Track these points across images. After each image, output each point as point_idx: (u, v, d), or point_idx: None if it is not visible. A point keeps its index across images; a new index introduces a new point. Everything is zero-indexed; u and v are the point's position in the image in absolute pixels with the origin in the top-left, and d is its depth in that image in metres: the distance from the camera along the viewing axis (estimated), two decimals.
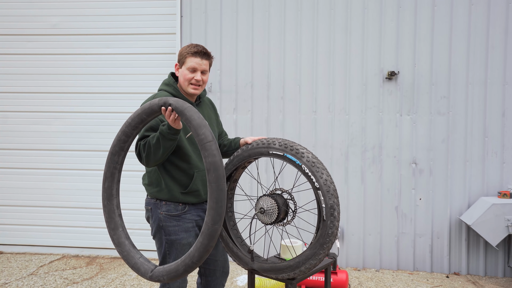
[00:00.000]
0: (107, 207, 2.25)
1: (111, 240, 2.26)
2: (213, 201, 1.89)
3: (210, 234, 1.90)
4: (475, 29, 4.46)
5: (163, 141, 2.14)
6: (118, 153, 2.24)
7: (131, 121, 2.16)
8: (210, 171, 1.89)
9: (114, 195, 2.26)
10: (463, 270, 4.51)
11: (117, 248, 2.23)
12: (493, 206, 4.11)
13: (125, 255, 2.19)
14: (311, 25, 4.68)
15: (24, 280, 4.23)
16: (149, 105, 2.10)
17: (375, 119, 4.61)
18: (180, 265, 2.01)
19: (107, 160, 2.25)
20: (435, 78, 4.52)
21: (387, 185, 4.61)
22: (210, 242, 1.91)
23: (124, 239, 2.22)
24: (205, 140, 1.90)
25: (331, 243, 2.16)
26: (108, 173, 2.25)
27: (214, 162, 1.89)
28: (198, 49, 2.35)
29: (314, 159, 2.22)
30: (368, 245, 4.65)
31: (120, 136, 2.20)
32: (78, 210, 5.06)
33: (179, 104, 2.01)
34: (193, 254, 1.96)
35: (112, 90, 5.01)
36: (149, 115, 2.12)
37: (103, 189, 2.26)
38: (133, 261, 2.17)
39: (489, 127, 4.47)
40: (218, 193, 1.89)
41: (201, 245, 1.93)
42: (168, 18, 4.90)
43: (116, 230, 2.23)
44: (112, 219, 2.24)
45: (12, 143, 5.12)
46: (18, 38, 5.08)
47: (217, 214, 1.89)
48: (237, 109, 4.79)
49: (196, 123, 1.94)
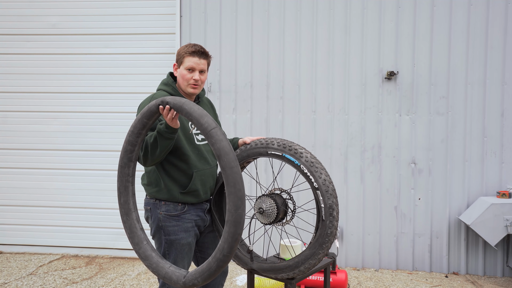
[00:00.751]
0: (127, 222, 2.19)
1: (137, 254, 2.18)
2: (231, 185, 1.80)
3: (236, 221, 1.81)
4: (474, 29, 4.47)
5: (160, 140, 2.14)
6: (127, 165, 2.17)
7: (134, 128, 2.12)
8: (221, 156, 1.82)
9: (132, 209, 2.20)
10: (462, 269, 4.52)
11: (145, 262, 2.16)
12: (492, 206, 4.12)
13: (154, 267, 2.12)
14: (311, 25, 4.69)
15: (24, 280, 4.23)
16: (148, 107, 2.08)
17: (374, 119, 4.61)
18: (212, 262, 1.91)
19: (118, 175, 2.18)
20: (434, 78, 4.52)
21: (387, 185, 4.61)
22: (238, 229, 1.81)
23: (151, 251, 2.16)
24: (209, 128, 1.87)
25: (330, 243, 2.17)
26: (122, 187, 2.18)
27: (223, 147, 1.83)
28: (196, 49, 2.34)
29: (313, 159, 2.22)
30: (367, 245, 4.65)
31: (126, 147, 2.15)
32: (77, 210, 5.06)
33: (176, 101, 2.00)
34: (222, 246, 1.85)
35: (111, 90, 5.01)
36: (150, 118, 2.09)
37: (120, 204, 2.19)
38: (164, 271, 2.10)
39: (488, 127, 4.47)
40: (233, 177, 1.80)
41: (229, 235, 1.82)
42: (167, 18, 4.90)
43: (140, 244, 2.17)
44: (135, 234, 2.18)
45: (11, 143, 5.12)
46: (17, 38, 5.08)
47: (238, 198, 1.80)
48: (236, 109, 4.79)
49: (197, 114, 1.92)
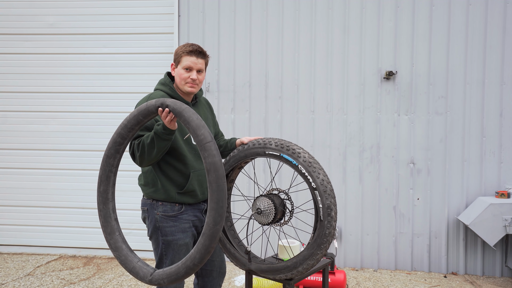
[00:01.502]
0: (103, 211, 2.21)
1: (108, 244, 2.21)
2: (214, 201, 1.86)
3: (212, 235, 1.87)
4: (473, 29, 4.46)
5: (157, 141, 2.13)
6: (114, 156, 2.18)
7: (127, 123, 2.11)
8: (211, 172, 1.87)
9: (110, 199, 2.21)
10: (461, 270, 4.52)
11: (115, 253, 2.18)
12: (491, 206, 4.11)
13: (122, 259, 2.15)
14: (309, 25, 4.68)
15: (21, 280, 4.22)
16: (146, 106, 2.06)
17: (373, 119, 4.61)
18: (181, 268, 1.97)
19: (102, 163, 2.19)
20: (433, 78, 4.52)
21: (385, 185, 4.60)
22: (212, 243, 1.89)
23: (121, 243, 2.18)
24: (205, 141, 1.89)
25: (328, 243, 2.16)
26: (104, 176, 2.19)
27: (214, 162, 1.87)
28: (194, 48, 2.33)
29: (311, 159, 2.21)
30: (366, 245, 4.64)
31: (115, 138, 2.15)
32: (75, 210, 5.04)
33: (176, 106, 1.99)
34: (194, 256, 1.92)
35: (109, 89, 4.99)
36: (146, 117, 2.08)
37: (98, 192, 2.21)
38: (131, 265, 2.13)
39: (487, 127, 4.47)
40: (218, 193, 1.86)
41: (202, 246, 1.89)
42: (165, 18, 4.89)
43: (112, 234, 2.19)
44: (109, 224, 2.20)
45: (9, 143, 5.10)
46: (15, 37, 5.06)
47: (218, 215, 1.86)
48: (235, 108, 4.78)
49: (194, 124, 1.92)
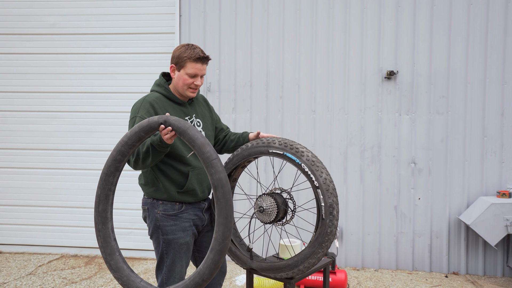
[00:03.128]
0: (102, 231, 2.14)
1: (108, 265, 2.15)
2: (223, 216, 1.90)
3: (221, 250, 1.90)
4: (474, 29, 4.46)
5: (153, 152, 2.12)
6: (113, 174, 2.13)
7: (128, 140, 2.07)
8: (218, 188, 1.91)
9: (109, 218, 2.16)
10: (462, 269, 4.51)
11: (115, 274, 2.13)
12: (492, 205, 4.11)
13: (125, 280, 2.11)
14: (310, 25, 4.68)
15: (23, 279, 4.22)
16: (148, 122, 2.03)
17: (374, 118, 4.61)
18: (190, 284, 1.95)
19: (101, 182, 2.13)
20: (434, 78, 4.52)
21: (386, 184, 4.60)
22: (221, 258, 1.91)
23: (122, 263, 2.13)
24: (211, 158, 1.92)
25: (330, 242, 2.16)
26: (103, 195, 2.14)
27: (221, 178, 1.91)
28: (199, 55, 2.31)
29: (314, 158, 2.22)
30: (367, 244, 4.64)
31: (115, 156, 2.10)
32: (76, 210, 5.05)
33: (180, 124, 1.99)
34: (203, 271, 1.93)
35: (110, 89, 5.00)
36: (147, 133, 2.06)
37: (97, 212, 2.14)
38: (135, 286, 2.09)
39: (488, 127, 4.46)
40: (227, 209, 1.91)
41: (212, 262, 1.91)
42: (166, 18, 4.89)
43: (113, 255, 2.14)
44: (108, 244, 2.14)
45: (11, 143, 5.11)
46: (16, 37, 5.07)
47: (227, 230, 1.91)
48: (236, 108, 4.78)
49: (200, 142, 1.95)
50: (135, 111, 2.31)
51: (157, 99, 2.34)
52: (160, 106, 2.32)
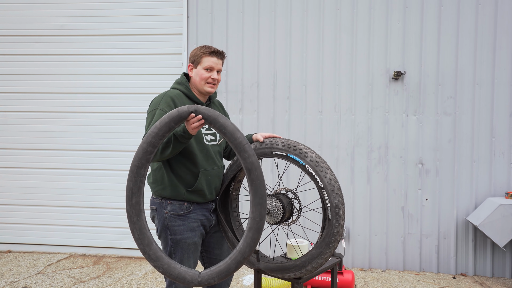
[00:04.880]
0: (138, 223, 2.14)
1: (146, 256, 2.16)
2: (259, 196, 2.04)
3: (259, 228, 2.04)
4: (482, 29, 4.44)
5: (174, 143, 2.16)
6: (144, 166, 2.12)
7: (158, 131, 2.07)
8: (252, 170, 2.04)
9: (142, 210, 2.16)
10: (470, 271, 4.49)
11: (155, 263, 2.14)
12: (501, 206, 4.09)
13: (165, 268, 2.13)
14: (317, 25, 4.68)
15: (32, 278, 4.27)
16: (178, 112, 2.06)
17: (381, 119, 4.60)
18: (232, 263, 2.07)
19: (132, 175, 2.12)
20: (441, 78, 4.50)
21: (393, 185, 4.59)
22: (259, 235, 2.06)
23: (161, 253, 2.15)
24: (243, 143, 2.04)
25: (336, 242, 2.17)
26: (135, 188, 2.12)
27: (254, 161, 2.05)
28: (214, 49, 2.42)
29: (318, 159, 2.22)
30: (374, 245, 4.64)
31: (146, 148, 2.09)
32: (85, 210, 5.10)
33: (210, 113, 2.06)
34: (243, 250, 2.06)
35: (118, 90, 5.04)
36: (177, 123, 2.07)
37: (130, 205, 2.14)
38: (176, 272, 2.12)
39: (496, 127, 4.44)
40: (262, 189, 2.04)
41: (251, 240, 2.04)
42: (174, 19, 4.92)
43: (150, 245, 2.14)
44: (145, 235, 2.14)
45: (22, 143, 5.16)
46: (26, 39, 5.13)
47: (263, 209, 2.05)
48: (243, 109, 4.80)
49: (230, 129, 2.05)
50: (156, 104, 2.35)
51: (178, 95, 2.40)
52: (180, 102, 2.37)
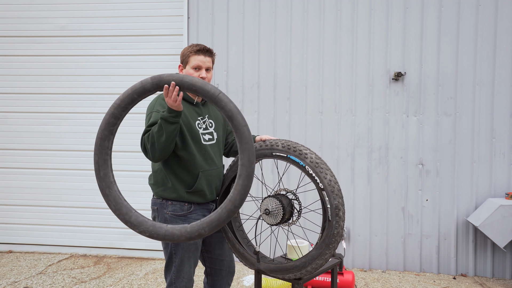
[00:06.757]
0: (111, 195, 2.12)
1: (129, 225, 2.10)
2: (244, 142, 1.98)
3: (249, 175, 1.98)
4: (482, 30, 4.44)
5: (165, 126, 2.13)
6: (108, 138, 2.09)
7: (120, 102, 2.05)
8: (233, 117, 1.97)
9: (113, 182, 2.13)
10: (470, 271, 4.49)
11: (139, 229, 2.08)
12: (501, 207, 4.09)
13: (151, 230, 2.07)
14: (318, 26, 4.69)
15: (33, 278, 4.28)
16: (141, 84, 2.03)
17: (381, 120, 4.60)
18: (223, 213, 2.00)
19: (97, 147, 2.08)
20: (442, 79, 4.51)
21: (394, 186, 4.60)
22: (250, 182, 1.99)
23: (143, 217, 2.10)
24: (216, 93, 1.98)
25: (336, 243, 2.17)
26: (101, 160, 2.09)
27: (232, 108, 1.98)
28: (200, 47, 2.39)
29: (318, 160, 2.23)
30: (374, 246, 4.64)
31: (108, 119, 2.07)
32: (85, 210, 5.10)
33: (175, 77, 2.01)
34: (234, 198, 1.99)
35: (119, 91, 5.01)
36: (141, 95, 2.04)
37: (99, 178, 2.10)
38: (163, 230, 2.05)
39: (497, 128, 4.44)
40: (247, 134, 1.99)
41: (242, 187, 1.98)
42: (175, 20, 4.93)
43: (130, 213, 2.10)
44: (121, 205, 2.11)
45: (22, 143, 5.17)
46: (27, 39, 5.13)
47: (251, 154, 1.99)
48: (243, 109, 4.80)
49: (200, 84, 2.01)
50: (151, 108, 2.37)
51: None
52: None
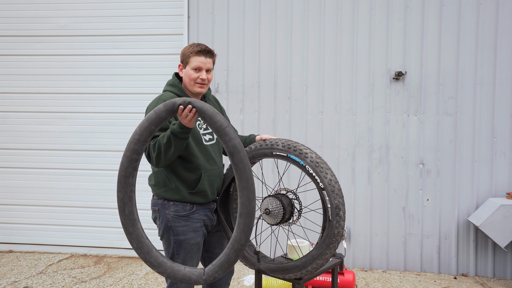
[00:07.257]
0: (134, 233, 2.11)
1: (148, 264, 2.13)
2: (244, 180, 1.96)
3: (249, 213, 1.98)
4: (483, 29, 4.43)
5: (174, 141, 2.12)
6: (132, 175, 2.08)
7: (140, 137, 2.03)
8: (235, 154, 1.95)
9: (137, 219, 2.13)
10: (471, 271, 4.49)
11: (159, 269, 2.12)
12: (502, 207, 4.08)
13: (169, 272, 2.11)
14: (318, 26, 4.68)
15: (34, 278, 4.28)
16: (155, 114, 2.01)
17: (382, 119, 4.60)
18: (230, 253, 2.01)
19: (121, 185, 2.08)
20: (442, 79, 4.50)
21: (394, 185, 4.59)
22: (251, 220, 1.99)
23: (162, 258, 2.13)
24: (223, 126, 1.96)
25: (337, 243, 2.17)
26: (126, 198, 2.09)
27: (236, 144, 1.96)
28: (202, 48, 2.35)
29: (318, 159, 2.22)
30: (375, 245, 4.63)
31: (130, 156, 2.05)
32: (86, 210, 5.10)
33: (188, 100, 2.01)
34: (239, 237, 1.99)
35: (120, 90, 5.05)
36: (157, 125, 2.03)
37: (123, 216, 2.10)
38: (181, 274, 2.10)
39: (498, 128, 4.43)
40: (247, 173, 1.97)
41: (244, 226, 1.98)
42: (175, 19, 4.92)
43: (151, 253, 2.12)
44: (143, 244, 2.12)
45: (22, 143, 5.17)
46: (27, 39, 5.13)
47: (251, 192, 1.97)
48: (244, 109, 4.80)
49: (209, 113, 1.98)
50: (151, 109, 2.32)
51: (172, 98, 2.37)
52: None
